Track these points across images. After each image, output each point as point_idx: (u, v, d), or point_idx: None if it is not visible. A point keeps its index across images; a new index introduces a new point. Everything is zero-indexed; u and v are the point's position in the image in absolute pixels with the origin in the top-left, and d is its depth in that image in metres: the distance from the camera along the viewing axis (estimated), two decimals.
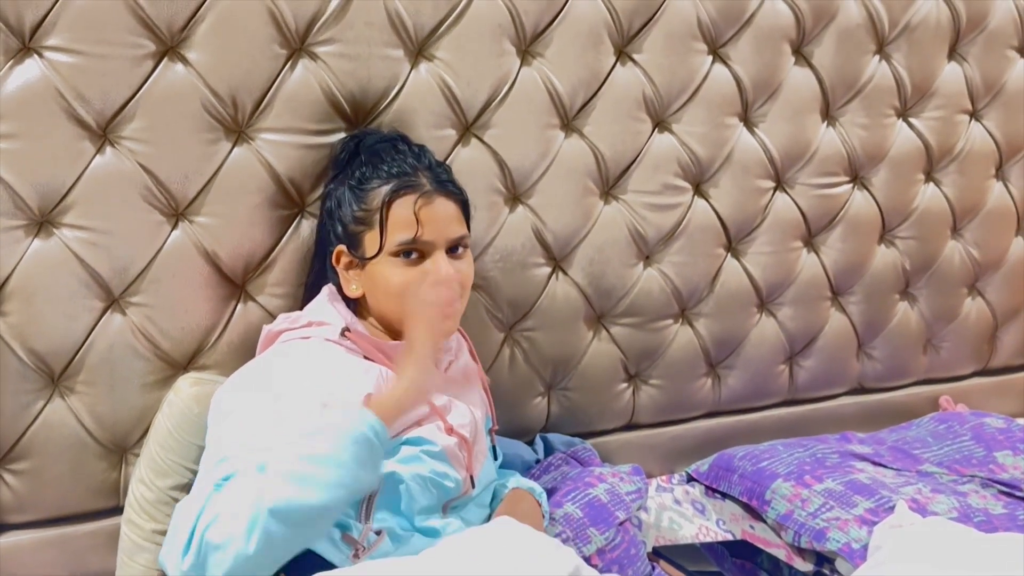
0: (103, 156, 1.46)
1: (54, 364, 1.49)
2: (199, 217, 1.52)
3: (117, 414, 1.53)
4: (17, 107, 1.39)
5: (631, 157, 1.84)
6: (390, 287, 1.38)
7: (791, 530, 1.68)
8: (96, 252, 1.47)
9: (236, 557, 1.08)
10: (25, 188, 1.42)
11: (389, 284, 1.38)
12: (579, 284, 1.85)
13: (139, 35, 1.44)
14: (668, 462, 2.02)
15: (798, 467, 1.79)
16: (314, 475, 1.12)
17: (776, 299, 2.07)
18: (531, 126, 1.74)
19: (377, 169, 1.42)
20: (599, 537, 1.56)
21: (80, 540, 1.56)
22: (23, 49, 1.40)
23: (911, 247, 2.19)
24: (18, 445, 1.49)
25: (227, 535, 1.09)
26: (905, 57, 2.07)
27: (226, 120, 1.51)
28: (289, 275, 1.59)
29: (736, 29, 1.89)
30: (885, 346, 2.23)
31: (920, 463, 1.89)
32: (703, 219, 1.94)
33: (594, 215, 1.83)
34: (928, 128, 2.14)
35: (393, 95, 1.61)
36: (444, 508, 1.38)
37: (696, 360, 2.01)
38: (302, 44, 1.55)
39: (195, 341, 1.55)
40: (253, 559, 1.09)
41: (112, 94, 1.44)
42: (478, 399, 1.53)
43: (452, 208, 1.41)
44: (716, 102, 1.90)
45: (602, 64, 1.78)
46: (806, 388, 2.17)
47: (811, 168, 2.03)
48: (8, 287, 1.44)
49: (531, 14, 1.70)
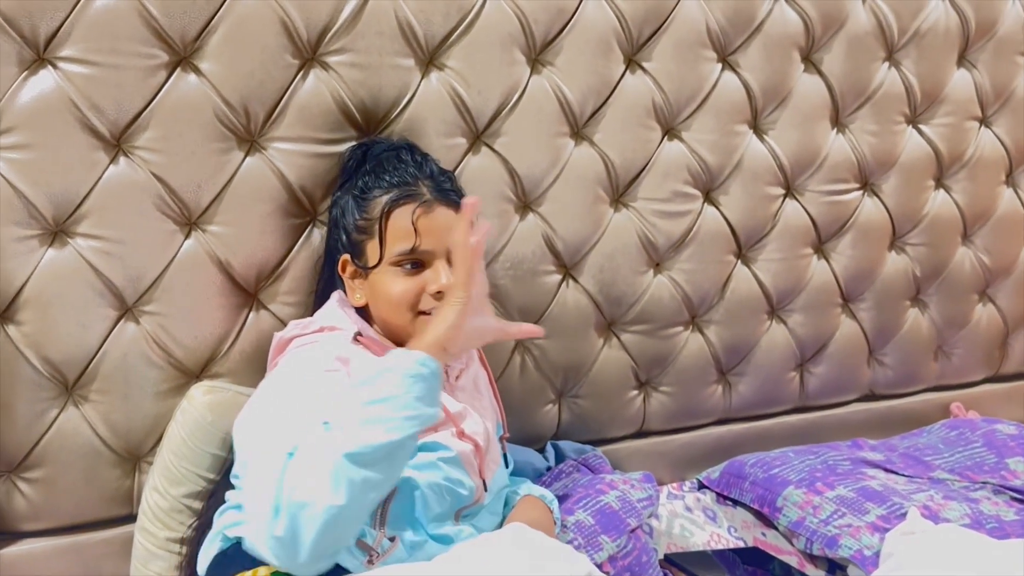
0: (117, 166, 1.47)
1: (68, 373, 1.50)
2: (212, 226, 1.53)
3: (131, 422, 1.54)
4: (32, 117, 1.41)
5: (641, 165, 1.84)
6: (391, 297, 1.38)
7: (803, 537, 1.68)
8: (110, 261, 1.48)
9: (327, 511, 1.07)
10: (40, 198, 1.43)
11: (390, 294, 1.38)
12: (589, 291, 1.85)
13: (152, 46, 1.45)
14: (679, 469, 2.01)
15: (809, 474, 1.79)
16: (380, 415, 1.13)
17: (786, 306, 2.07)
18: (541, 134, 1.74)
19: (379, 178, 1.43)
20: (611, 544, 1.56)
21: (94, 548, 1.56)
22: (37, 60, 1.41)
23: (921, 254, 2.19)
24: (32, 453, 1.50)
25: (312, 491, 1.07)
26: (915, 64, 2.08)
27: (238, 129, 1.52)
28: (301, 283, 1.60)
29: (745, 37, 1.89)
30: (896, 353, 2.23)
31: (932, 470, 1.89)
32: (713, 226, 1.94)
33: (604, 223, 1.83)
34: (938, 135, 2.14)
35: (404, 104, 1.62)
36: (456, 516, 1.39)
37: (707, 367, 2.01)
38: (314, 54, 1.56)
39: (208, 349, 1.56)
40: (344, 510, 1.08)
41: (126, 104, 1.45)
42: (489, 407, 1.53)
43: (453, 217, 1.41)
44: (726, 109, 1.90)
45: (612, 72, 1.78)
46: (817, 395, 2.17)
47: (821, 175, 2.03)
48: (23, 296, 1.45)
49: (541, 23, 1.70)
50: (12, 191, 1.41)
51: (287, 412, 1.22)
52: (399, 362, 1.18)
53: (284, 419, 1.21)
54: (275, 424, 1.21)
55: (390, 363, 1.19)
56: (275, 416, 1.23)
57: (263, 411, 1.27)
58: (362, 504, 1.12)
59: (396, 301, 1.38)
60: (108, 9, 1.41)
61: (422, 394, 1.17)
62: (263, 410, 1.28)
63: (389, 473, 1.16)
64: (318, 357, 1.32)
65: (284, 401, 1.25)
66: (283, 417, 1.21)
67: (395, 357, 1.20)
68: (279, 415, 1.22)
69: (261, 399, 1.32)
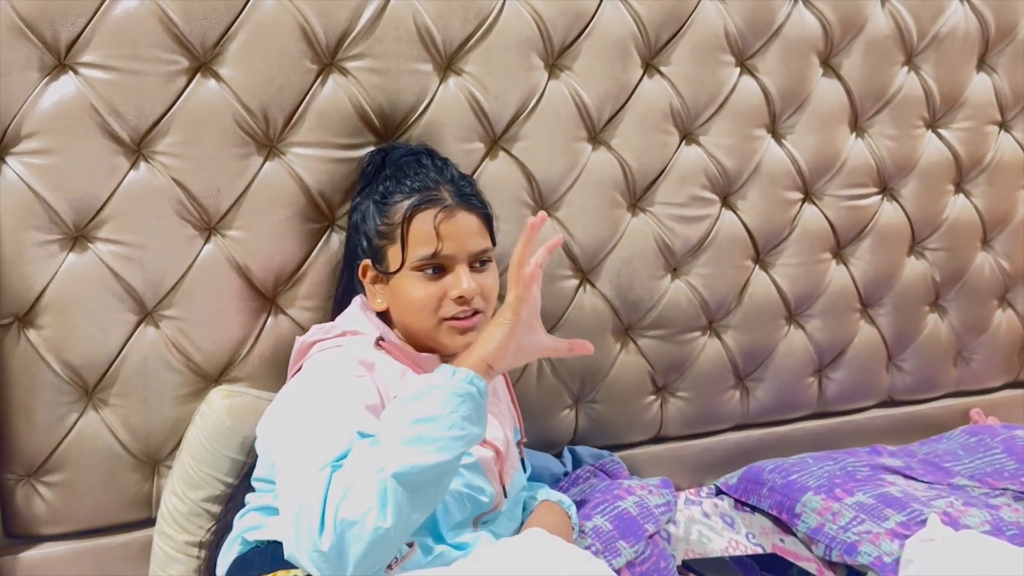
0: (137, 171, 1.48)
1: (88, 377, 1.50)
2: (231, 231, 1.54)
3: (150, 426, 1.55)
4: (53, 123, 1.42)
5: (658, 169, 1.84)
6: (412, 302, 1.38)
7: (822, 544, 1.67)
8: (130, 266, 1.49)
9: (375, 532, 1.08)
10: (60, 203, 1.44)
11: (411, 299, 1.38)
12: (607, 296, 1.85)
13: (173, 51, 1.46)
14: (697, 475, 2.01)
15: (828, 480, 1.78)
16: (428, 435, 1.13)
17: (805, 311, 2.06)
18: (559, 139, 1.74)
19: (400, 183, 1.43)
20: (628, 550, 1.56)
21: (113, 552, 1.57)
22: (59, 66, 1.42)
23: (941, 258, 2.18)
24: (52, 457, 1.51)
25: (362, 510, 1.09)
26: (934, 68, 2.07)
27: (258, 135, 1.53)
28: (319, 288, 1.60)
29: (764, 41, 1.89)
30: (915, 358, 2.22)
31: (951, 476, 1.87)
32: (731, 231, 1.93)
33: (621, 227, 1.83)
34: (957, 139, 2.13)
35: (422, 109, 1.62)
36: (475, 522, 1.38)
37: (724, 372, 2.01)
38: (333, 59, 1.56)
39: (227, 354, 1.57)
40: (390, 531, 1.09)
41: (146, 110, 1.46)
42: (507, 412, 1.53)
43: (474, 222, 1.41)
44: (744, 114, 1.90)
45: (629, 77, 1.78)
46: (835, 401, 2.16)
47: (840, 179, 2.02)
48: (43, 300, 1.46)
49: (559, 28, 1.70)
50: (33, 196, 1.42)
51: (319, 420, 1.22)
52: (447, 380, 1.19)
53: (317, 427, 1.21)
54: (308, 432, 1.21)
55: (438, 381, 1.19)
56: (307, 424, 1.23)
57: (292, 417, 1.27)
58: (407, 526, 1.13)
59: (418, 306, 1.38)
60: (129, 15, 1.42)
61: (469, 413, 1.18)
62: (292, 416, 1.27)
63: (435, 495, 1.17)
64: (343, 361, 1.32)
65: (314, 408, 1.25)
66: (316, 425, 1.21)
67: (443, 375, 1.20)
68: (312, 423, 1.22)
69: (289, 404, 1.32)
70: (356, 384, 1.28)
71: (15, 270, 1.44)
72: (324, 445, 1.16)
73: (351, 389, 1.26)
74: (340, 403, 1.24)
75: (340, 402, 1.24)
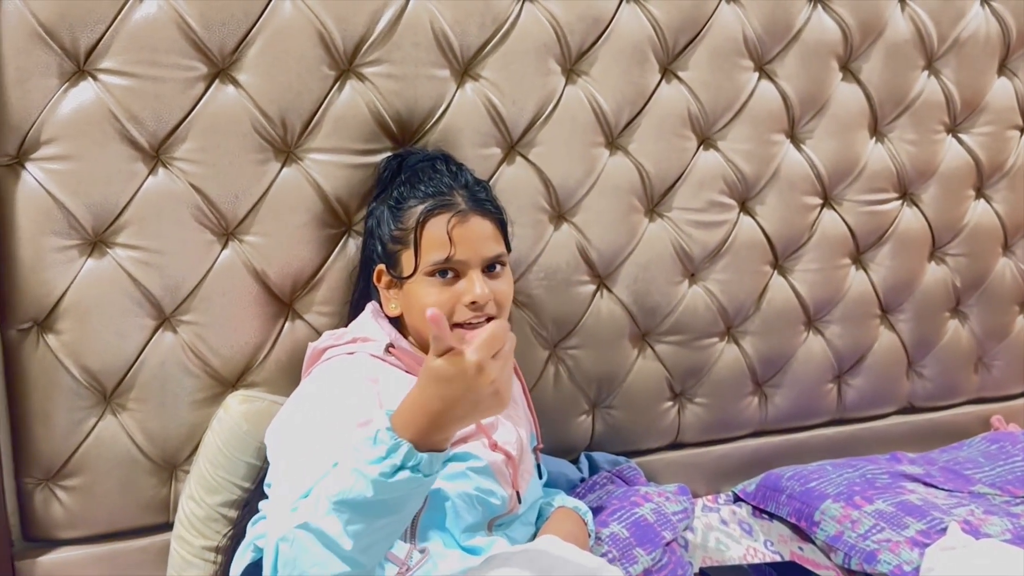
0: (155, 177, 1.48)
1: (106, 381, 1.51)
2: (248, 236, 1.55)
3: (167, 431, 1.55)
4: (72, 129, 1.42)
5: (676, 174, 1.84)
6: (424, 307, 1.37)
7: (841, 552, 1.66)
8: (148, 271, 1.49)
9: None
10: (79, 208, 1.45)
11: (424, 304, 1.37)
12: (624, 302, 1.84)
13: (191, 58, 1.46)
14: (714, 482, 2.00)
15: (848, 488, 1.77)
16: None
17: (824, 317, 2.05)
18: (576, 144, 1.74)
19: (414, 188, 1.43)
20: (645, 557, 1.55)
21: (130, 556, 1.58)
22: (78, 72, 1.43)
23: (961, 264, 2.16)
24: (70, 461, 1.52)
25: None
26: (954, 72, 2.05)
27: (275, 141, 1.53)
28: (336, 293, 1.60)
29: (783, 45, 1.88)
30: (935, 364, 2.20)
31: (972, 484, 1.86)
32: (749, 236, 1.93)
33: (639, 232, 1.83)
34: (978, 144, 2.12)
35: (439, 115, 1.62)
36: (489, 526, 1.38)
37: (742, 378, 2.00)
38: (350, 65, 1.57)
39: (244, 359, 1.57)
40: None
41: (165, 116, 1.46)
42: (522, 417, 1.53)
43: (488, 227, 1.40)
44: (762, 119, 1.89)
45: (647, 82, 1.78)
46: (854, 407, 2.14)
47: (859, 184, 2.01)
48: (62, 305, 1.47)
49: (576, 33, 1.70)
50: (52, 202, 1.43)
51: (316, 429, 1.22)
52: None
53: (312, 437, 1.21)
54: (303, 441, 1.21)
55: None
56: (304, 432, 1.23)
57: (292, 423, 1.28)
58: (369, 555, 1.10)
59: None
60: (148, 21, 1.43)
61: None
62: (292, 422, 1.28)
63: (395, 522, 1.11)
64: (349, 371, 1.32)
65: (313, 416, 1.26)
66: (311, 435, 1.22)
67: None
68: (308, 431, 1.23)
69: (291, 410, 1.32)
70: (362, 391, 1.27)
71: (34, 275, 1.44)
72: (309, 462, 1.15)
73: (354, 398, 1.26)
74: (336, 416, 1.23)
75: (336, 415, 1.23)
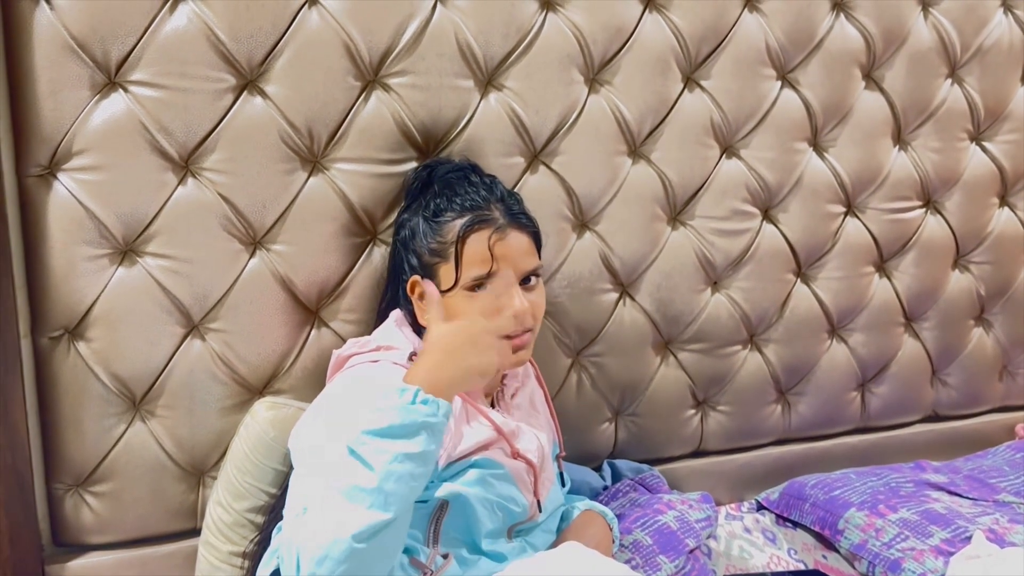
0: (185, 187, 1.50)
1: (136, 388, 1.53)
2: (276, 245, 1.56)
3: (196, 437, 1.57)
4: (103, 140, 1.45)
5: (699, 183, 1.84)
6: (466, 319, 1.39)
7: (865, 560, 1.66)
8: (177, 280, 1.51)
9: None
10: (110, 218, 1.47)
11: (466, 317, 1.39)
12: (646, 310, 1.85)
13: (220, 70, 1.48)
14: (737, 490, 2.00)
15: (872, 496, 1.77)
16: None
17: (847, 325, 2.05)
18: (598, 153, 1.75)
19: (451, 201, 1.43)
20: (669, 565, 1.56)
21: (159, 561, 1.60)
22: (109, 84, 1.45)
23: (986, 272, 2.16)
24: (100, 467, 1.54)
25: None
26: (978, 80, 2.05)
27: (302, 151, 1.55)
28: (361, 301, 1.62)
29: (805, 54, 1.88)
30: (960, 373, 2.19)
31: (997, 492, 1.85)
32: (772, 244, 1.93)
33: (661, 241, 1.83)
34: (1002, 152, 2.11)
35: (463, 124, 1.63)
36: (509, 533, 1.39)
37: (765, 386, 2.00)
38: (376, 76, 1.58)
39: (271, 366, 1.59)
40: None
41: (194, 127, 1.48)
42: (545, 425, 1.54)
43: (525, 241, 1.42)
44: (785, 127, 1.89)
45: (670, 91, 1.78)
46: (878, 415, 2.14)
47: (883, 192, 2.00)
48: (93, 313, 1.49)
49: (599, 43, 1.71)
50: (84, 211, 1.45)
51: (335, 435, 1.22)
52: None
53: (332, 443, 1.20)
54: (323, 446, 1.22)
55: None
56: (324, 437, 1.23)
57: (313, 429, 1.29)
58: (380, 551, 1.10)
59: None
60: (178, 34, 1.45)
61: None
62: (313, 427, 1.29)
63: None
64: (372, 378, 1.33)
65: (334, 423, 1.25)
66: (331, 440, 1.21)
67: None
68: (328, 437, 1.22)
69: (313, 416, 1.33)
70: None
71: (66, 284, 1.47)
72: (320, 470, 1.16)
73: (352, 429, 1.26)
74: (352, 423, 1.24)
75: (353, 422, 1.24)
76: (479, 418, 1.39)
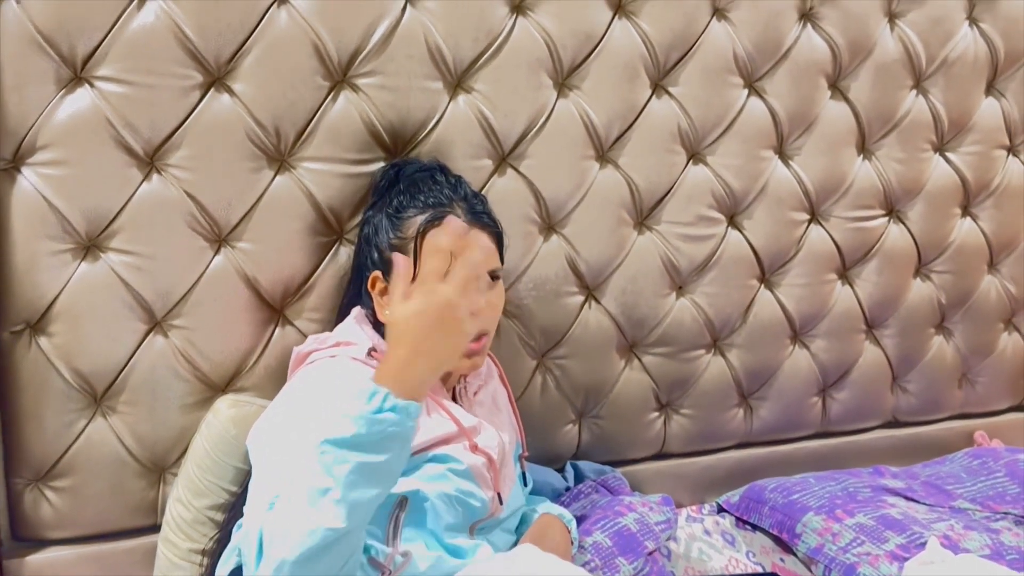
0: (150, 183, 1.50)
1: (97, 384, 1.53)
2: (241, 243, 1.56)
3: (157, 434, 1.57)
4: (68, 135, 1.44)
5: (665, 188, 1.85)
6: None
7: (821, 564, 1.68)
8: (141, 276, 1.51)
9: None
10: (73, 213, 1.46)
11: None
12: (612, 313, 1.86)
13: (187, 66, 1.48)
14: (698, 492, 2.02)
15: (830, 500, 1.79)
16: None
17: (810, 331, 2.07)
18: (566, 157, 1.76)
19: (414, 198, 1.44)
20: (627, 567, 1.56)
21: (118, 557, 1.59)
22: (75, 79, 1.45)
23: (947, 281, 2.18)
24: (60, 463, 1.53)
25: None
26: (942, 92, 2.07)
27: (269, 149, 1.55)
28: (326, 300, 1.62)
29: (772, 63, 1.90)
30: (920, 380, 2.22)
31: (953, 499, 1.88)
32: (736, 250, 1.94)
33: (627, 245, 1.84)
34: (965, 163, 2.14)
35: (432, 126, 1.64)
36: (471, 530, 1.39)
37: (728, 391, 2.01)
38: (344, 76, 1.58)
39: (234, 364, 1.59)
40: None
41: (160, 123, 1.48)
42: (507, 424, 1.54)
43: (485, 240, 1.43)
44: (751, 135, 1.91)
45: (638, 97, 1.80)
46: (839, 421, 2.16)
47: (846, 201, 2.03)
48: (55, 308, 1.48)
49: (568, 48, 1.72)
50: (47, 206, 1.44)
51: (295, 431, 1.22)
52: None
53: (291, 440, 1.21)
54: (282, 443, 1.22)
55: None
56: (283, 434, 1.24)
57: (272, 425, 1.29)
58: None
59: None
60: (145, 30, 1.45)
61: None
62: (272, 424, 1.29)
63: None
64: (332, 374, 1.34)
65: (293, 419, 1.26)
66: (291, 437, 1.22)
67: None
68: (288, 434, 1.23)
69: (272, 413, 1.33)
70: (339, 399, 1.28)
71: (28, 278, 1.46)
72: (281, 468, 1.16)
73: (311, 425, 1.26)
74: (311, 421, 1.22)
75: (311, 420, 1.22)
76: (439, 411, 1.39)
